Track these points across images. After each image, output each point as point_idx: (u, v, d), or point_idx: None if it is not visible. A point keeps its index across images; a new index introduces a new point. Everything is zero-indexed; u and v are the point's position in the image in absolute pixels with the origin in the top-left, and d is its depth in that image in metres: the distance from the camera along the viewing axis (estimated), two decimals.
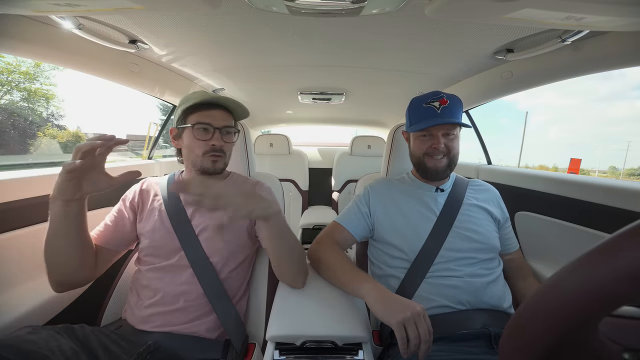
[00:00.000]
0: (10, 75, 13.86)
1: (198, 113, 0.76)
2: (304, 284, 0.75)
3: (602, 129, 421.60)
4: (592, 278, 0.26)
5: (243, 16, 0.78)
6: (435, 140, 0.79)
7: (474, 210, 0.82)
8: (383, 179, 0.95)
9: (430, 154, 0.81)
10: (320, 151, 2.74)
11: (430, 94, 0.81)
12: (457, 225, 0.79)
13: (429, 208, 0.83)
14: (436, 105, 0.78)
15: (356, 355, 0.62)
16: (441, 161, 0.81)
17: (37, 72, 13.96)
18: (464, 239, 0.77)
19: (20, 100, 14.33)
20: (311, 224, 1.86)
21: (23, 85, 14.30)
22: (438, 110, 0.78)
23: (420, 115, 0.80)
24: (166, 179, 0.86)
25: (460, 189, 0.87)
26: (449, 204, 0.83)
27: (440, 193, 0.86)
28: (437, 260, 0.75)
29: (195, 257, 0.75)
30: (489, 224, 0.82)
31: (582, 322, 0.26)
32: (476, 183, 0.92)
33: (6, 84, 13.93)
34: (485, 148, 1.62)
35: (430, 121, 0.78)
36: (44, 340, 0.53)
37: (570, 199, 0.94)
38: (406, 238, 0.80)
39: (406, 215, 0.82)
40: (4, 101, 13.76)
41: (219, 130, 0.77)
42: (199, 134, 0.76)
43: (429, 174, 0.84)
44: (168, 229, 0.77)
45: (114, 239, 0.77)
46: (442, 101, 0.78)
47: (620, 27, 0.63)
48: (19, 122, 14.00)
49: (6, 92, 13.97)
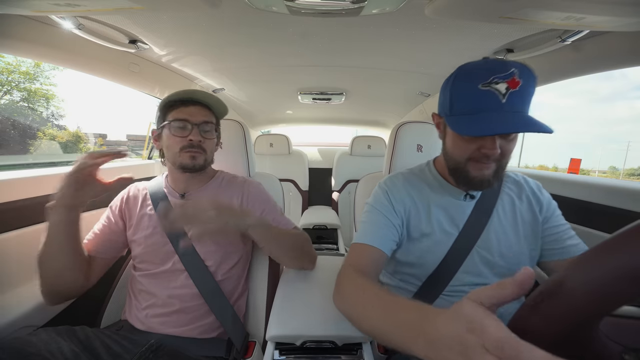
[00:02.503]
0: (10, 75, 13.94)
1: (176, 110, 0.75)
2: (314, 265, 0.81)
3: (603, 129, 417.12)
4: (594, 277, 0.26)
5: (243, 16, 0.78)
6: (488, 142, 0.54)
7: (504, 225, 0.65)
8: (397, 175, 0.74)
9: (477, 159, 0.57)
10: (320, 151, 2.74)
11: (492, 64, 0.52)
12: (481, 244, 0.63)
13: (452, 219, 0.66)
14: (502, 89, 0.50)
15: (356, 356, 0.62)
16: (489, 167, 0.57)
17: (37, 72, 14.00)
18: (486, 264, 0.64)
19: (20, 100, 14.42)
20: (311, 224, 1.86)
21: (23, 85, 14.37)
22: (503, 99, 0.50)
23: (473, 102, 0.53)
24: (154, 183, 0.85)
25: (493, 194, 0.67)
26: (476, 215, 0.65)
27: (468, 201, 0.66)
28: (453, 283, 0.64)
29: (190, 261, 0.75)
30: (521, 242, 0.64)
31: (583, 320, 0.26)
32: (513, 181, 0.70)
33: (6, 83, 14.01)
34: None
35: (492, 125, 0.51)
36: (44, 343, 0.53)
37: (571, 199, 0.94)
38: (423, 252, 0.66)
39: (427, 225, 0.66)
40: (4, 101, 13.84)
41: (197, 126, 0.75)
42: (176, 130, 0.74)
43: (471, 184, 0.60)
44: (161, 235, 0.76)
45: (103, 247, 0.77)
46: (512, 83, 0.50)
47: (620, 27, 0.63)
48: (19, 122, 14.06)
49: (6, 92, 14.04)
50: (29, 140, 14.25)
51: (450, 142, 0.61)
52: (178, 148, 0.75)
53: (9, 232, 0.76)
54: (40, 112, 15.26)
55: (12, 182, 0.78)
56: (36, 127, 14.83)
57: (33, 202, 0.82)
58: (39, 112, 15.16)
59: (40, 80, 14.48)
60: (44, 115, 15.34)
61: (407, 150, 1.04)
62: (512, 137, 0.56)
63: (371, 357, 0.61)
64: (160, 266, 0.75)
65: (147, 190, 0.83)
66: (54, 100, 15.49)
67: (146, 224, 0.77)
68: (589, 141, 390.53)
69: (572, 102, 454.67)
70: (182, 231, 0.75)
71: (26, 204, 0.80)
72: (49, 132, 15.24)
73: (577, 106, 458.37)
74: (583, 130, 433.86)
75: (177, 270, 0.75)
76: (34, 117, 14.90)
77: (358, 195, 1.08)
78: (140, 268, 0.77)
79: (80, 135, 16.22)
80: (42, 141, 14.42)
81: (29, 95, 14.70)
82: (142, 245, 0.76)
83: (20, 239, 0.78)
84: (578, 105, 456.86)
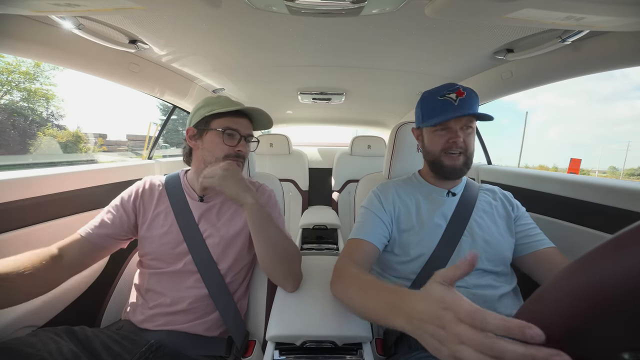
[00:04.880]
0: (10, 75, 13.94)
1: (226, 118, 0.77)
2: (294, 288, 0.74)
3: (603, 129, 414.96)
4: (596, 277, 0.26)
5: (243, 16, 0.78)
6: (453, 134, 0.74)
7: (485, 218, 0.78)
8: (388, 182, 0.90)
9: (448, 150, 0.75)
10: (320, 151, 2.74)
11: (444, 86, 0.75)
12: (467, 233, 0.75)
13: (439, 212, 0.77)
14: (453, 97, 0.73)
15: (356, 355, 0.62)
16: (458, 158, 0.75)
17: (37, 72, 13.99)
18: (474, 248, 0.73)
19: (20, 100, 14.44)
20: (311, 224, 1.86)
21: (23, 85, 14.38)
22: (455, 102, 0.72)
23: (436, 108, 0.75)
24: (171, 180, 0.84)
25: (472, 194, 0.81)
26: (460, 209, 0.78)
27: (451, 197, 0.81)
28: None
29: (202, 261, 0.75)
30: (501, 232, 0.76)
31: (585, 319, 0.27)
32: (488, 188, 0.87)
33: (6, 83, 14.04)
34: (485, 148, 1.62)
35: (449, 114, 0.72)
36: (43, 343, 0.53)
37: (571, 199, 0.94)
38: (417, 244, 0.75)
39: (418, 220, 0.77)
40: (4, 101, 13.85)
41: (244, 138, 0.79)
42: (227, 139, 0.76)
43: (446, 172, 0.77)
44: (176, 233, 0.76)
45: (106, 236, 0.74)
46: (459, 92, 0.73)
47: (620, 27, 0.63)
48: (19, 122, 14.04)
49: (6, 92, 14.05)
50: (29, 140, 14.25)
51: (427, 141, 0.81)
52: (223, 155, 0.76)
53: (9, 232, 0.76)
54: (40, 112, 15.30)
55: (12, 182, 0.78)
56: (36, 126, 14.85)
57: (33, 202, 0.82)
58: (38, 112, 15.20)
59: (40, 80, 14.55)
60: (43, 115, 15.39)
61: (407, 150, 1.05)
62: (469, 131, 0.75)
63: (371, 357, 0.61)
64: (171, 265, 0.75)
65: (164, 186, 0.82)
66: (53, 100, 15.53)
67: (161, 222, 0.77)
68: (589, 141, 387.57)
69: (572, 102, 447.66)
70: (196, 229, 0.77)
71: (26, 204, 0.80)
72: (49, 132, 15.22)
73: (577, 106, 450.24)
74: (583, 130, 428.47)
75: (188, 272, 0.75)
76: (33, 117, 14.93)
77: (358, 195, 1.08)
78: (150, 266, 0.77)
79: (80, 135, 16.20)
80: (42, 141, 14.42)
81: (29, 95, 14.71)
82: (156, 243, 0.76)
83: (20, 239, 0.78)
84: (578, 105, 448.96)
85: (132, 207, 0.78)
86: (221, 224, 0.80)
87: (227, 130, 0.76)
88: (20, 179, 0.80)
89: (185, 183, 0.83)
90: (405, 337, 0.69)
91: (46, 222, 0.86)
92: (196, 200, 0.81)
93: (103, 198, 1.06)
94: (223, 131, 0.75)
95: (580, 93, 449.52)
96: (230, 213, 0.82)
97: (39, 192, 0.84)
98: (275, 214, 0.85)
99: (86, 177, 1.01)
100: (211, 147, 0.77)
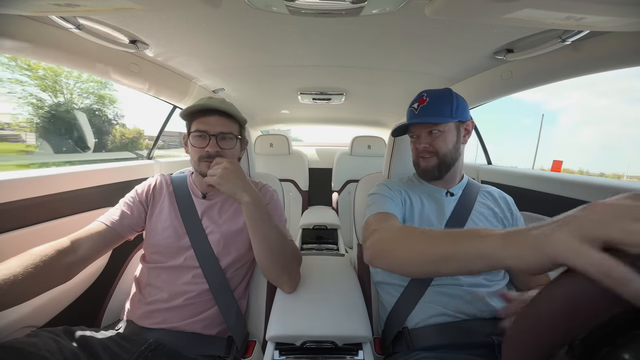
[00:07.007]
0: (87, 83, 15.99)
1: (197, 120, 0.78)
2: (291, 288, 0.76)
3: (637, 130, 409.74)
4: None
5: (243, 16, 0.78)
6: (418, 139, 0.81)
7: (482, 220, 0.79)
8: (390, 179, 0.92)
9: (419, 153, 0.82)
10: (320, 151, 2.74)
11: (417, 96, 0.81)
12: None
13: (439, 211, 0.80)
14: (415, 106, 0.79)
15: (356, 356, 0.62)
16: (430, 160, 0.79)
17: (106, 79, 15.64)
18: None
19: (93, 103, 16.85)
20: (311, 224, 1.86)
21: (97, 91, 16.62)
22: (416, 111, 0.78)
23: (407, 119, 0.82)
24: (179, 178, 0.89)
25: (471, 195, 0.83)
26: (458, 210, 0.79)
27: (450, 197, 0.82)
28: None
29: (204, 256, 0.77)
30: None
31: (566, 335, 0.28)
32: (488, 190, 0.87)
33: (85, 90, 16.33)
34: (485, 148, 1.62)
35: (408, 123, 0.80)
36: (43, 343, 0.53)
37: (571, 199, 0.94)
38: None
39: (419, 218, 0.79)
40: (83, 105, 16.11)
41: (214, 137, 0.77)
42: (195, 141, 0.78)
43: (421, 173, 0.84)
44: (179, 227, 0.79)
45: (128, 226, 0.78)
46: (421, 101, 0.78)
47: (620, 27, 0.63)
48: (95, 122, 16.30)
49: (86, 97, 16.39)
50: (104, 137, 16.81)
51: (410, 147, 0.87)
52: (197, 157, 0.78)
53: (9, 232, 0.76)
54: (107, 113, 17.35)
55: (12, 182, 0.78)
56: (108, 126, 17.24)
57: (33, 202, 0.82)
58: (105, 113, 17.21)
59: (108, 87, 16.69)
60: (109, 116, 17.43)
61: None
62: (437, 134, 0.77)
63: (371, 357, 0.61)
64: (171, 260, 0.77)
65: (172, 184, 0.87)
66: (115, 103, 17.56)
67: (166, 216, 0.80)
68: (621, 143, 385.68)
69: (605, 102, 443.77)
70: (199, 225, 0.79)
71: (26, 204, 0.80)
72: (119, 130, 17.79)
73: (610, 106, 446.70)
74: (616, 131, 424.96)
75: (188, 267, 0.76)
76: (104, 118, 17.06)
77: (358, 196, 1.08)
78: (152, 259, 0.79)
79: (140, 132, 18.57)
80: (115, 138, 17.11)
81: (99, 99, 16.84)
82: (159, 236, 0.78)
83: (20, 239, 0.78)
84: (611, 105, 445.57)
85: (145, 199, 0.83)
86: (222, 221, 0.82)
87: (193, 132, 0.77)
88: (21, 179, 0.80)
89: (191, 182, 0.88)
90: (404, 336, 0.69)
91: (47, 222, 0.86)
92: (199, 198, 0.84)
93: (103, 198, 1.06)
94: (189, 134, 0.78)
95: (612, 92, 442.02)
96: (233, 211, 0.84)
97: (39, 192, 0.84)
98: (276, 214, 0.85)
99: (86, 177, 1.01)
100: (190, 151, 0.80)
